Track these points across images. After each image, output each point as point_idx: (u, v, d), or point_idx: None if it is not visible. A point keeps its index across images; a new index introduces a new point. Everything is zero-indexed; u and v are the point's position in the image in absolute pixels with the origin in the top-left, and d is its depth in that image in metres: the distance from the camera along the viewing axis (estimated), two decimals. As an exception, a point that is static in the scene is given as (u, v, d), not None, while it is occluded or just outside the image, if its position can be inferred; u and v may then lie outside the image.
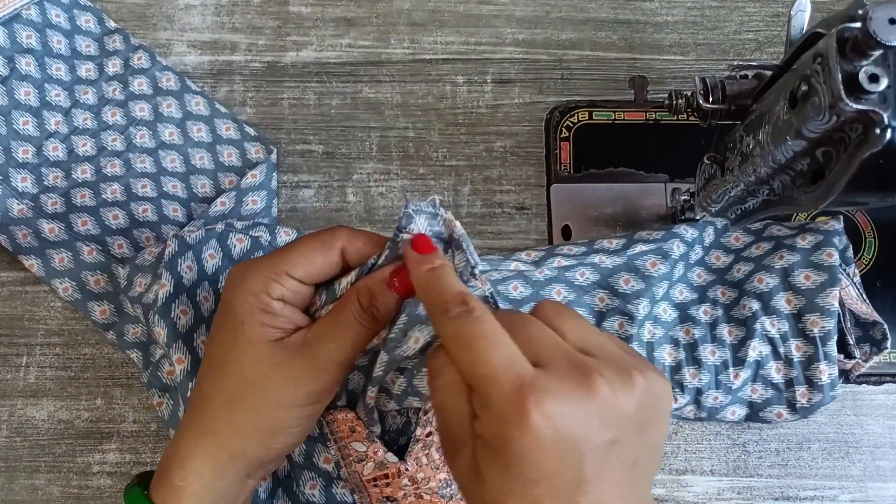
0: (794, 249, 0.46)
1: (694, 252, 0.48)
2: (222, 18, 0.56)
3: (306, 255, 0.35)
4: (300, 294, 0.35)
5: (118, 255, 0.50)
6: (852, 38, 0.28)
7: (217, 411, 0.35)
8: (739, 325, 0.46)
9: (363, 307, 0.34)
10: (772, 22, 0.56)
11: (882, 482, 0.47)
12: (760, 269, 0.47)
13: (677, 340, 0.46)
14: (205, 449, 0.35)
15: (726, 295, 0.48)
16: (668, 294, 0.48)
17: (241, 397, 0.34)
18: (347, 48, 0.55)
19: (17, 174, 0.51)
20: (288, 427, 0.35)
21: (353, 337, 0.34)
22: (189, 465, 0.35)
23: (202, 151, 0.52)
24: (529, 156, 0.53)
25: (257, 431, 0.35)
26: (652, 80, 0.54)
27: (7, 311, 0.50)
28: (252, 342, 0.34)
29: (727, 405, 0.46)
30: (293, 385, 0.34)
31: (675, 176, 0.52)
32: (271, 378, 0.34)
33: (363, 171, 0.53)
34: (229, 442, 0.35)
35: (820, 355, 0.45)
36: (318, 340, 0.34)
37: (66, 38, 0.53)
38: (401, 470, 0.42)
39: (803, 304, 0.45)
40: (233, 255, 0.47)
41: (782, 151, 0.34)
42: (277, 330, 0.34)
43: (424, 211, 0.34)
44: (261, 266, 0.35)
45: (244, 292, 0.34)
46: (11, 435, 0.48)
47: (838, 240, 0.46)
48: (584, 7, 0.56)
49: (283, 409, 0.34)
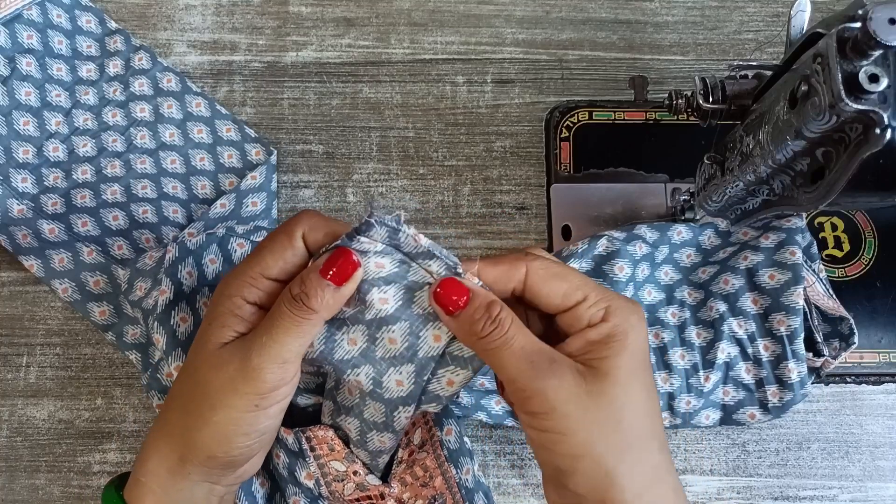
0: (757, 249, 0.46)
1: (659, 252, 0.48)
2: (222, 18, 0.56)
3: (276, 251, 0.34)
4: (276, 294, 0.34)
5: (118, 256, 0.50)
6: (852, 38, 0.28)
7: (173, 413, 0.35)
8: (707, 327, 0.46)
9: (293, 296, 0.32)
10: (772, 22, 0.56)
11: (882, 482, 0.47)
12: (725, 269, 0.47)
13: None
14: (160, 450, 0.35)
15: (693, 296, 0.47)
16: (638, 296, 0.47)
17: (192, 400, 0.34)
18: (347, 48, 0.55)
19: (18, 174, 0.51)
20: (228, 436, 0.34)
21: (285, 328, 0.32)
22: (147, 464, 0.35)
23: (202, 152, 0.52)
24: (529, 156, 0.53)
25: (200, 437, 0.34)
26: (652, 80, 0.54)
27: (7, 311, 0.50)
28: (207, 343, 0.34)
29: (700, 409, 0.46)
30: (230, 388, 0.33)
31: (675, 176, 0.52)
32: (213, 380, 0.33)
33: (363, 171, 0.53)
34: (179, 445, 0.34)
35: (788, 354, 0.45)
36: (253, 338, 0.33)
37: (68, 38, 0.53)
38: (384, 492, 0.41)
39: (769, 304, 0.45)
40: (233, 260, 0.47)
41: (782, 151, 0.34)
42: (234, 332, 0.34)
43: (387, 225, 0.33)
44: (240, 270, 0.34)
45: (223, 295, 0.34)
46: (12, 435, 0.48)
47: (801, 237, 0.46)
48: (583, 7, 0.56)
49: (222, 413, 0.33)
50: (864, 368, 0.48)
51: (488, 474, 0.47)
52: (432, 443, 0.43)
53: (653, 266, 0.48)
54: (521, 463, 0.48)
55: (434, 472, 0.43)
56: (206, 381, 0.33)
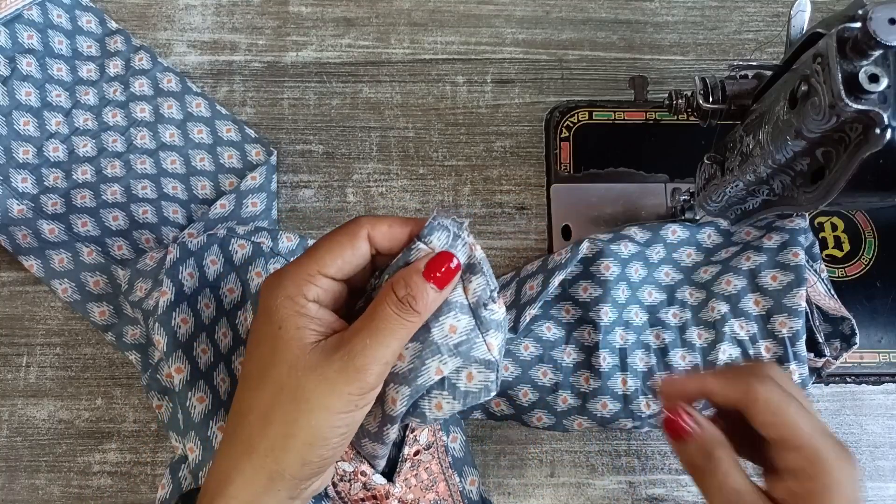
0: (760, 250, 0.46)
1: (653, 251, 0.48)
2: (222, 18, 0.56)
3: (334, 250, 0.34)
4: (333, 293, 0.34)
5: (118, 256, 0.50)
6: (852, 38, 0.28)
7: (253, 427, 0.33)
8: (709, 328, 0.46)
9: (399, 298, 0.32)
10: (772, 22, 0.56)
11: (881, 482, 0.47)
12: (728, 270, 0.47)
13: (648, 345, 0.46)
14: (243, 472, 0.33)
15: (694, 296, 0.47)
16: (637, 297, 0.47)
17: (277, 406, 0.33)
18: (347, 48, 0.55)
19: (18, 174, 0.51)
20: (326, 438, 0.33)
21: (390, 330, 0.32)
22: (229, 488, 0.33)
23: (203, 153, 0.52)
24: (529, 156, 0.53)
25: (294, 444, 0.33)
26: (652, 80, 0.54)
27: (8, 310, 0.50)
28: (290, 346, 0.33)
29: (701, 410, 0.46)
30: (329, 388, 0.32)
31: (675, 176, 0.52)
32: (307, 383, 0.32)
33: (363, 171, 0.53)
34: (266, 461, 0.33)
35: (789, 356, 0.44)
36: (355, 339, 0.32)
37: (68, 38, 0.53)
38: (389, 492, 0.41)
39: (771, 305, 0.45)
40: (234, 261, 0.47)
41: (782, 151, 0.34)
42: (314, 332, 0.33)
43: (449, 228, 0.33)
44: (294, 269, 0.34)
45: (281, 296, 0.33)
46: (12, 435, 0.48)
47: (804, 238, 0.46)
48: (583, 7, 0.56)
49: (321, 416, 0.32)
50: (864, 368, 0.48)
51: (488, 474, 0.47)
52: (437, 447, 0.44)
53: (649, 266, 0.48)
54: (521, 463, 0.48)
55: (438, 477, 0.43)
56: (298, 385, 0.32)
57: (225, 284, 0.47)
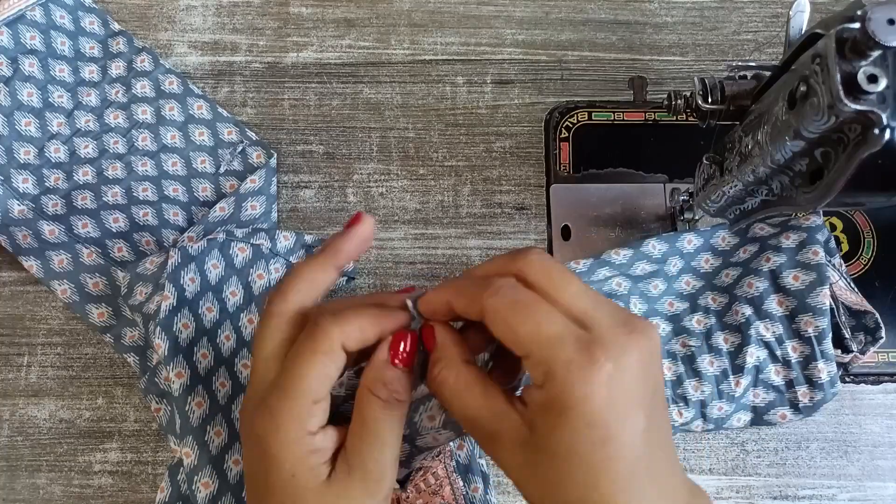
0: (779, 250, 0.46)
1: (669, 265, 0.48)
2: (223, 19, 0.56)
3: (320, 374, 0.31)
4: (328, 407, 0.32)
5: (118, 258, 0.50)
6: (851, 39, 0.28)
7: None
8: (734, 332, 0.46)
9: (384, 400, 0.31)
10: (771, 23, 0.56)
11: (880, 481, 0.48)
12: (749, 272, 0.47)
13: (674, 354, 0.46)
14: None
15: (717, 301, 0.47)
16: (657, 309, 0.47)
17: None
18: (348, 49, 0.56)
19: (19, 175, 0.51)
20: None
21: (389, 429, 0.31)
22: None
23: (204, 155, 0.52)
24: (529, 156, 0.53)
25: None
26: (651, 80, 0.54)
27: (8, 310, 0.50)
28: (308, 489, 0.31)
29: (732, 413, 0.46)
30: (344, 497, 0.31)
31: (674, 176, 0.52)
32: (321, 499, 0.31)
33: (363, 172, 0.53)
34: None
35: (817, 354, 0.45)
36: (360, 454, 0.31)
37: (70, 39, 0.54)
38: (400, 498, 0.42)
39: (795, 305, 0.45)
40: (235, 265, 0.48)
41: (781, 152, 0.34)
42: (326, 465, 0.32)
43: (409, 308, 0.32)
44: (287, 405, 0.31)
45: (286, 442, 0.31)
46: (13, 434, 0.48)
47: (821, 234, 0.46)
48: (583, 8, 0.57)
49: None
50: (863, 368, 0.48)
51: (488, 474, 0.47)
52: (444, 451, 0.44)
53: (668, 280, 0.48)
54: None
55: (443, 482, 0.43)
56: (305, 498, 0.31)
57: (227, 288, 0.48)
